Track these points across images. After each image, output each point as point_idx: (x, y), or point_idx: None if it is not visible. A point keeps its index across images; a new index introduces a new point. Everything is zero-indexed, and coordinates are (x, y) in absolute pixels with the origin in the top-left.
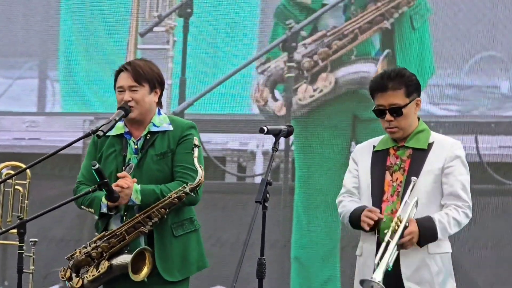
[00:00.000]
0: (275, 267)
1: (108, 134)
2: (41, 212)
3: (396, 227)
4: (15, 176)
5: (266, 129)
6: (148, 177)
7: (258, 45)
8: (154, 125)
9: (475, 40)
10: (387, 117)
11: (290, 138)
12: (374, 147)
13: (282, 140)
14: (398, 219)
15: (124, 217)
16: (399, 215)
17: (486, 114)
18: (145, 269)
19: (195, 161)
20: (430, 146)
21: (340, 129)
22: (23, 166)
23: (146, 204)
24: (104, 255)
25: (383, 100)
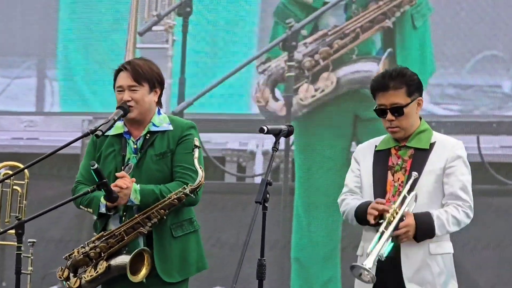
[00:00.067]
0: (275, 268)
1: (107, 134)
2: (40, 213)
3: (392, 219)
4: (13, 176)
5: (266, 129)
6: (148, 177)
7: (258, 45)
8: (154, 125)
9: (477, 39)
10: (389, 117)
11: (290, 138)
12: (376, 147)
13: (282, 140)
14: (395, 211)
15: (123, 218)
16: (396, 207)
17: (488, 114)
18: (144, 270)
19: (195, 162)
20: (432, 146)
21: (341, 129)
22: (21, 166)
23: (145, 204)
24: (103, 256)
25: (385, 100)
